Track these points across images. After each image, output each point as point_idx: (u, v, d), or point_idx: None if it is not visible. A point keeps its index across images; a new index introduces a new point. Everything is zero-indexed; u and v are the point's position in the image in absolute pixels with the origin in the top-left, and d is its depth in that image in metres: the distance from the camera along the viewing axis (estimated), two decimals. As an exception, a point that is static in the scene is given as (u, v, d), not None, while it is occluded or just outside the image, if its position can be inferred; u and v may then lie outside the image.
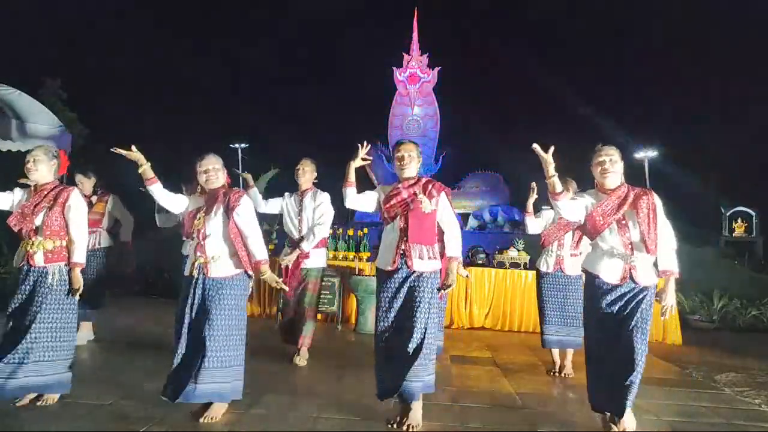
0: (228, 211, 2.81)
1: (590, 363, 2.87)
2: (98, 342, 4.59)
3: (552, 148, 2.65)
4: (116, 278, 5.11)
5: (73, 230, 2.97)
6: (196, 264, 2.82)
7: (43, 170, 2.99)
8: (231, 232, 2.81)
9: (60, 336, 2.95)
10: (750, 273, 9.30)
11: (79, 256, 2.95)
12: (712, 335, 6.63)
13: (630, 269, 2.72)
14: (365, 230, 6.74)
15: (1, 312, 3.09)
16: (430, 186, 2.92)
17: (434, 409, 3.07)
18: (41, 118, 4.81)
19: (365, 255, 6.31)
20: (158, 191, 2.90)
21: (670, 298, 2.73)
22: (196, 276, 2.82)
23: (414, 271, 2.83)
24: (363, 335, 5.51)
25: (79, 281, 2.95)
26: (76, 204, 3.00)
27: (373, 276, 5.86)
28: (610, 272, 2.77)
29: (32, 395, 2.93)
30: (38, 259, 2.90)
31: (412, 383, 2.73)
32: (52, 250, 2.93)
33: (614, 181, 2.78)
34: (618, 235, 2.76)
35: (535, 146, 2.63)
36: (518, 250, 6.64)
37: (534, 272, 6.12)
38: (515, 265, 6.51)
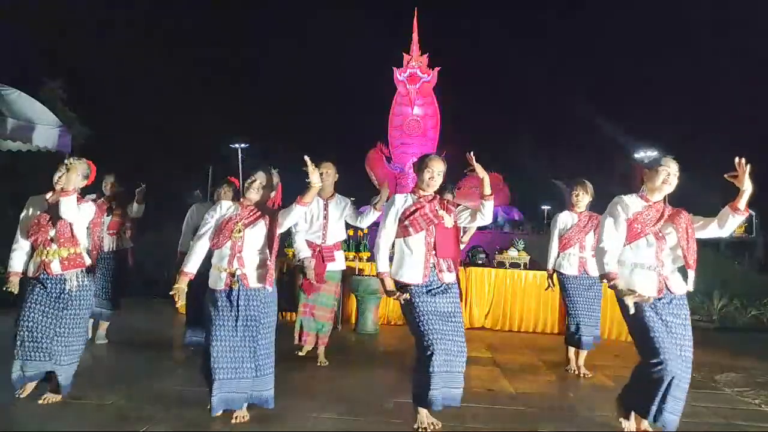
0: (272, 223, 2.87)
1: (646, 375, 2.73)
2: (98, 342, 4.59)
3: None
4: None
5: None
6: (235, 276, 2.80)
7: (71, 181, 2.99)
8: (272, 245, 2.86)
9: (78, 339, 3.06)
10: (750, 273, 9.31)
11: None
12: (712, 335, 6.62)
13: (665, 280, 2.74)
14: (365, 231, 6.74)
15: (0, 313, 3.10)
16: (446, 202, 2.97)
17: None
18: (41, 118, 4.79)
19: (365, 255, 6.31)
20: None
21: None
22: (236, 289, 2.80)
23: (444, 283, 2.87)
24: (363, 335, 5.51)
25: None
26: (83, 208, 3.04)
27: (374, 276, 5.86)
28: (647, 286, 2.73)
29: (32, 385, 3.00)
30: (55, 267, 2.97)
31: (458, 389, 2.80)
32: (67, 257, 2.99)
33: (665, 195, 2.80)
34: (653, 247, 2.75)
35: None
36: (518, 250, 6.64)
37: (535, 273, 6.21)
38: (515, 265, 6.51)
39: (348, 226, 4.33)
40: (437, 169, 2.89)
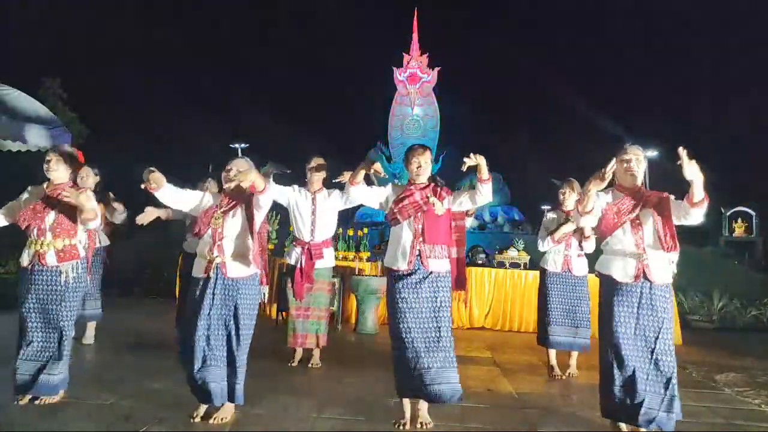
0: (249, 208, 2.81)
1: (606, 368, 2.77)
2: (98, 342, 4.58)
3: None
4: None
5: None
6: (213, 264, 2.80)
7: (61, 171, 3.01)
8: (250, 231, 2.81)
9: (68, 335, 2.98)
10: (750, 273, 9.32)
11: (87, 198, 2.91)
12: (712, 335, 6.62)
13: (643, 267, 2.72)
14: (365, 230, 6.74)
15: (0, 311, 3.08)
16: (439, 189, 2.97)
17: (434, 408, 3.07)
18: (41, 118, 4.80)
19: (365, 255, 6.31)
20: (165, 196, 2.82)
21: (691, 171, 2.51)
22: (213, 277, 2.79)
23: (431, 272, 2.86)
24: (363, 335, 5.51)
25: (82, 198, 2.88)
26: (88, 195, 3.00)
27: (374, 276, 5.87)
28: (623, 271, 2.76)
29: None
30: (50, 259, 2.92)
31: (441, 386, 2.75)
32: (62, 249, 2.95)
33: (635, 182, 2.80)
34: (631, 235, 2.76)
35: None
36: (518, 250, 6.65)
37: (535, 272, 6.19)
38: (515, 265, 6.51)
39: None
40: (422, 159, 2.97)
